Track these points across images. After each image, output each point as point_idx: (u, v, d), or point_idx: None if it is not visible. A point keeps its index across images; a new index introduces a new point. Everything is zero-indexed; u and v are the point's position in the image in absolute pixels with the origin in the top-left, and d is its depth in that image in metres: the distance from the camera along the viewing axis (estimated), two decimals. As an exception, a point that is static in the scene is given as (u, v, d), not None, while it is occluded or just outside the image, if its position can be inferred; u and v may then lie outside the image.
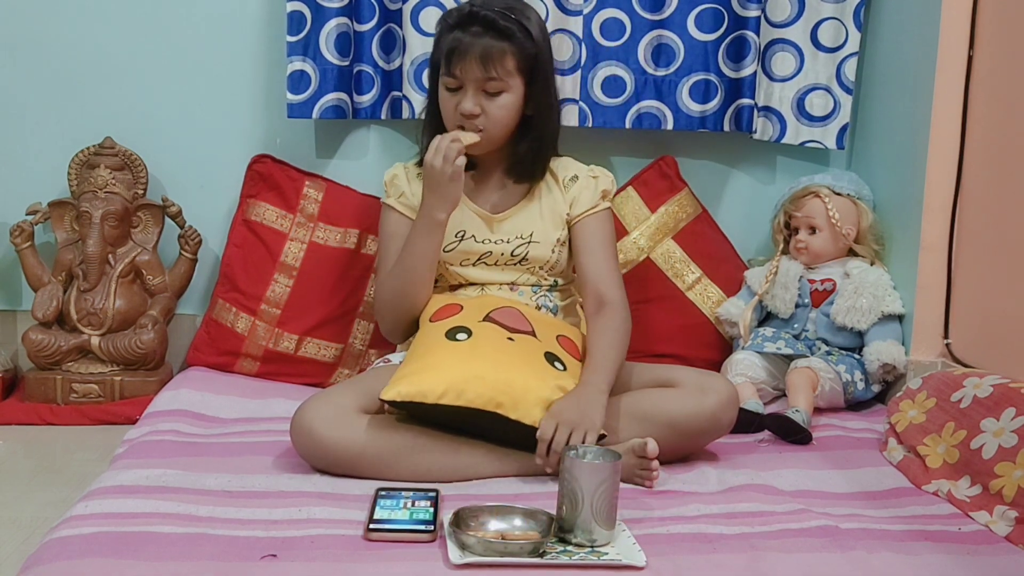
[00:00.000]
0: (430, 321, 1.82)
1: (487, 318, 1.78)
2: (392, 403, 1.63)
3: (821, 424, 2.06)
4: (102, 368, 2.28)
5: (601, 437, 1.61)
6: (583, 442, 1.56)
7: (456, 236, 1.95)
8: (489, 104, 1.85)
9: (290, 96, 2.31)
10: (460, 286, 1.98)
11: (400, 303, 1.90)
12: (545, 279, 1.98)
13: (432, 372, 1.65)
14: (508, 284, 1.96)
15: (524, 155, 1.95)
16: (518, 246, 1.95)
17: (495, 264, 1.96)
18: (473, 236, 1.95)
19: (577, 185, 1.98)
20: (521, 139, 1.94)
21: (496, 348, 1.71)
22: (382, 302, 1.95)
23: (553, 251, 1.96)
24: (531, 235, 1.95)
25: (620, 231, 2.39)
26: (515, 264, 1.96)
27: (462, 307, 1.83)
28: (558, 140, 2.01)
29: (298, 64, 2.30)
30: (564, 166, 2.02)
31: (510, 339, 1.74)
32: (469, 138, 1.83)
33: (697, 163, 2.52)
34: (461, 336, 1.73)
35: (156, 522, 1.42)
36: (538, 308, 1.96)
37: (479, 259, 1.96)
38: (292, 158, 2.39)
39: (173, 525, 1.41)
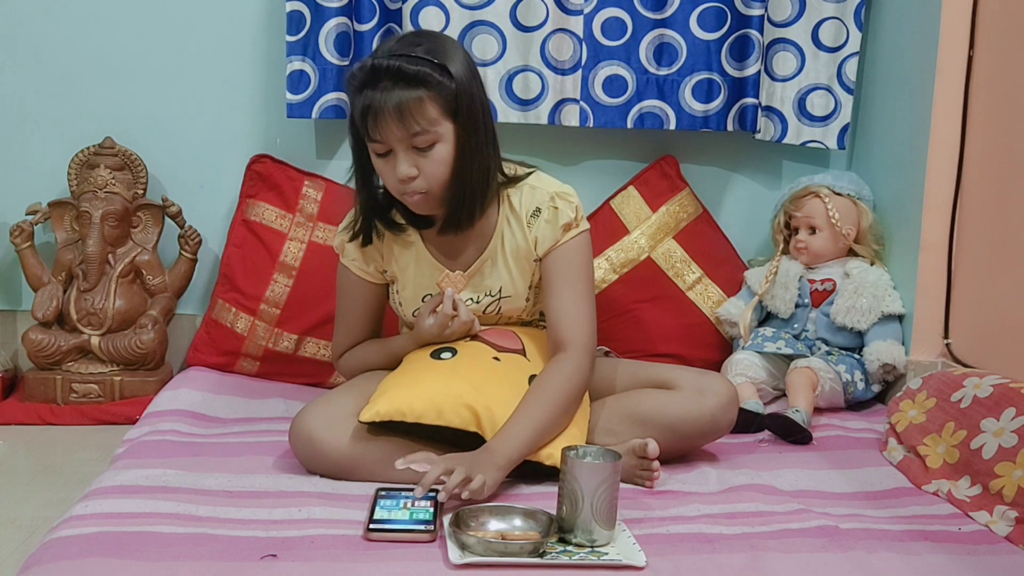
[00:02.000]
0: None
1: (475, 336, 1.77)
2: (372, 424, 1.60)
3: (821, 424, 2.06)
4: (102, 368, 2.28)
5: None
6: (461, 488, 1.46)
7: (423, 300, 1.82)
8: (424, 161, 1.64)
9: (290, 96, 2.31)
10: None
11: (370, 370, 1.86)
12: (527, 316, 1.89)
13: (412, 390, 1.62)
14: (492, 326, 1.87)
15: (452, 205, 1.71)
16: (489, 304, 1.82)
17: None
18: (440, 293, 1.79)
19: (538, 221, 1.77)
20: (448, 189, 1.69)
21: (479, 368, 1.68)
22: (348, 373, 1.90)
23: (527, 299, 1.83)
24: (500, 290, 1.81)
25: (621, 230, 2.39)
26: (491, 316, 1.84)
27: None
28: (493, 177, 1.75)
29: (298, 64, 2.30)
30: (526, 196, 1.78)
31: (496, 359, 1.72)
32: (458, 285, 1.78)
33: (697, 163, 2.52)
34: (445, 355, 1.71)
35: (156, 522, 1.41)
36: None
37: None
38: (292, 158, 2.40)
39: (173, 525, 1.41)
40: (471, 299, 1.81)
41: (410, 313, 1.84)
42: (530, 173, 1.82)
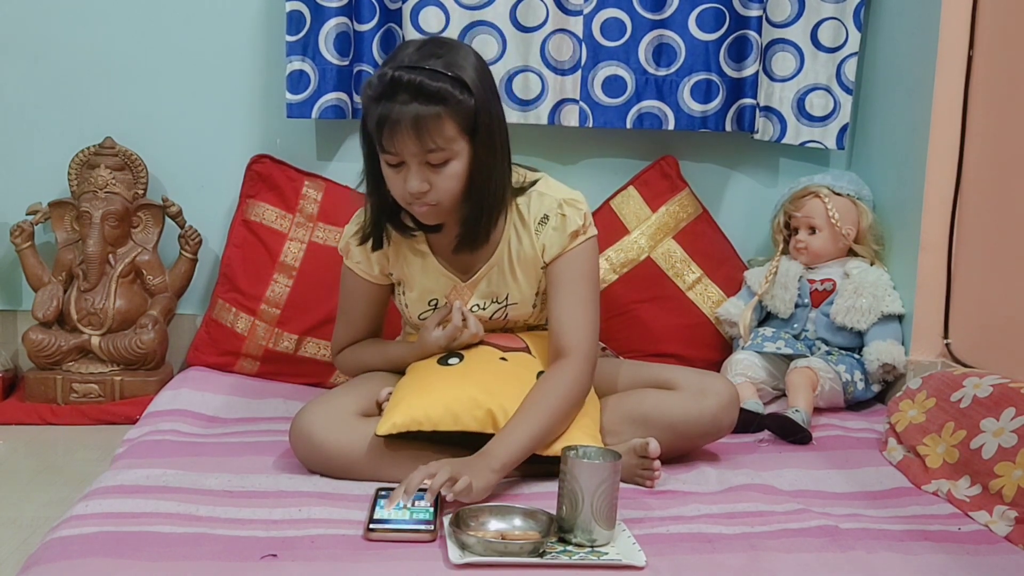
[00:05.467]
0: None
1: (480, 341, 1.78)
2: (389, 435, 1.60)
3: (821, 424, 2.06)
4: (102, 368, 2.28)
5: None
6: (446, 488, 1.45)
7: (429, 304, 1.82)
8: (436, 177, 1.61)
9: (289, 96, 2.31)
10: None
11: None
12: (534, 322, 1.89)
13: (425, 398, 1.62)
14: (499, 330, 1.87)
15: (467, 219, 1.71)
16: (495, 311, 1.81)
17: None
18: (447, 304, 1.80)
19: (546, 228, 1.75)
20: (463, 204, 1.69)
21: (488, 370, 1.70)
22: (345, 370, 1.91)
23: (534, 306, 1.82)
24: (507, 298, 1.80)
25: (621, 230, 2.39)
26: (497, 322, 1.84)
27: None
28: (507, 191, 1.75)
29: (297, 64, 2.30)
30: (535, 203, 1.76)
31: (503, 359, 1.73)
32: (465, 297, 1.79)
33: (697, 163, 2.52)
34: (453, 361, 1.72)
35: (156, 522, 1.42)
36: None
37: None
38: (292, 158, 2.40)
39: (173, 525, 1.41)
40: (477, 305, 1.80)
41: (416, 316, 1.84)
42: (537, 180, 1.79)
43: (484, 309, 1.81)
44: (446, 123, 1.57)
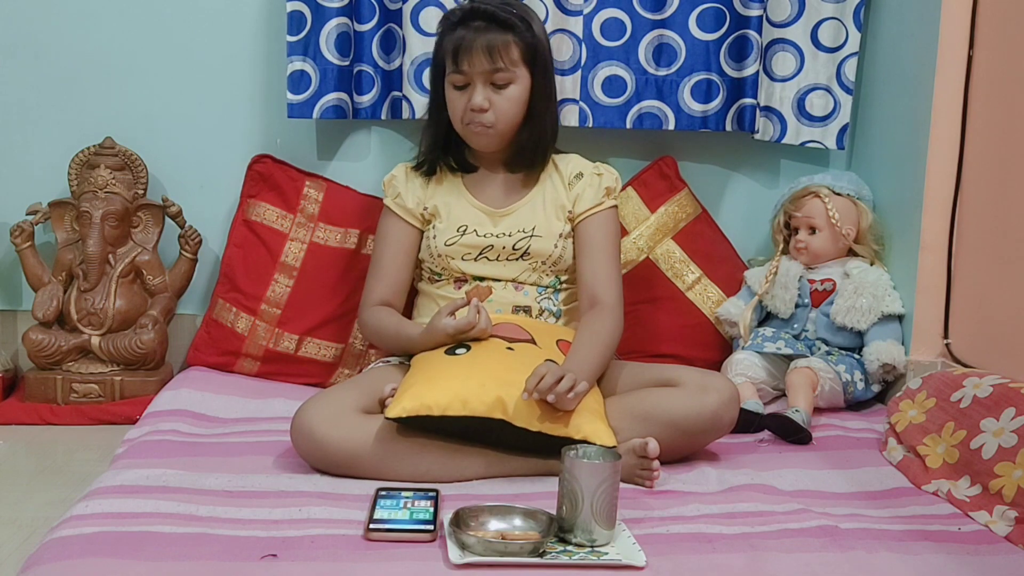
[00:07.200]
0: None
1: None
2: (398, 419, 1.62)
3: (821, 424, 2.06)
4: (102, 368, 2.28)
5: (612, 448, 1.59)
6: (571, 390, 1.59)
7: (458, 230, 1.97)
8: (497, 97, 1.89)
9: (290, 96, 2.31)
10: (463, 280, 1.98)
11: (386, 348, 2.01)
12: (548, 275, 1.98)
13: (434, 385, 1.64)
14: (511, 281, 1.96)
15: (525, 144, 1.97)
16: (520, 239, 1.95)
17: (497, 259, 1.96)
18: (475, 231, 1.97)
19: (581, 183, 1.99)
20: (522, 130, 1.96)
21: (495, 358, 1.72)
22: (365, 331, 2.06)
23: (556, 245, 1.96)
24: (533, 229, 1.96)
25: (620, 231, 2.39)
26: (517, 259, 1.96)
27: None
28: (557, 133, 2.02)
29: (298, 64, 2.30)
30: (569, 162, 2.04)
31: (509, 348, 1.76)
32: (483, 295, 1.95)
33: (697, 163, 2.52)
34: (460, 351, 1.74)
35: (156, 522, 1.42)
36: (540, 312, 1.97)
37: (480, 253, 1.97)
38: (292, 158, 2.40)
39: (173, 525, 1.41)
40: (504, 233, 1.96)
41: (443, 243, 1.97)
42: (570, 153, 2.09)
43: (510, 236, 1.96)
44: (513, 48, 1.88)
